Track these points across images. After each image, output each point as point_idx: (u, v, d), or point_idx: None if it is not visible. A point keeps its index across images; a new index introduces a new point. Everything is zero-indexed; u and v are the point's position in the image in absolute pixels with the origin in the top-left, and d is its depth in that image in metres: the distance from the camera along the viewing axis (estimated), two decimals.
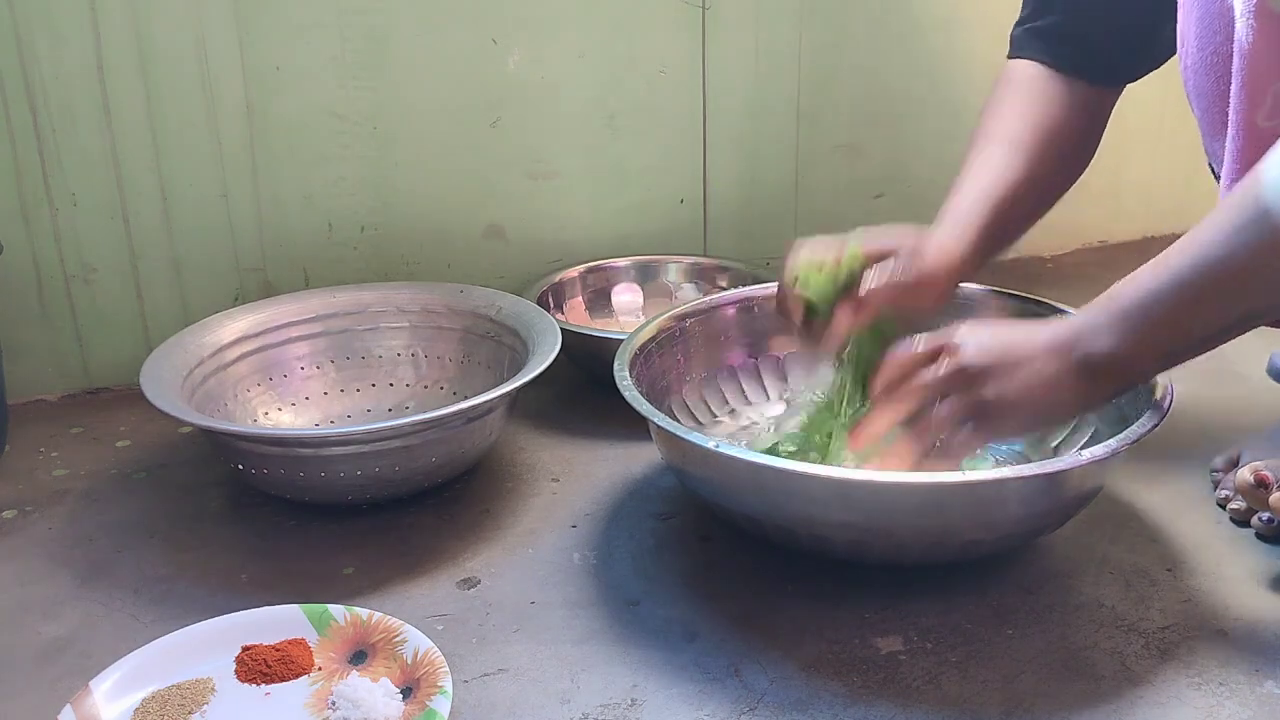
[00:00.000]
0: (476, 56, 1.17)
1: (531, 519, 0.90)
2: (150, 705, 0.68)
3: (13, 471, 0.99)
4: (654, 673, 0.72)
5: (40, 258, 1.08)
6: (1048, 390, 0.74)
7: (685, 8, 1.23)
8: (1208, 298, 0.68)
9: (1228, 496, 0.88)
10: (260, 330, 1.02)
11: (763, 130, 1.32)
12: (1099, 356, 0.72)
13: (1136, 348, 0.71)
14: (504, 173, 1.22)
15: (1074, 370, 0.73)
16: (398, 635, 0.72)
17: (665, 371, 0.96)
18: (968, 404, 0.75)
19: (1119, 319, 0.72)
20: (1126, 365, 0.72)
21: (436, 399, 1.04)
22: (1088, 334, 0.73)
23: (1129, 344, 0.71)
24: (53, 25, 1.02)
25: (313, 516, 0.90)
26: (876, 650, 0.74)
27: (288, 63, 1.10)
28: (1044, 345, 0.74)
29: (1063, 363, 0.73)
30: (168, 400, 0.86)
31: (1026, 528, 0.78)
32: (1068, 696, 0.69)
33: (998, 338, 0.76)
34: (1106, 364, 0.72)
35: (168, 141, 1.08)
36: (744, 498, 0.78)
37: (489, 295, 1.05)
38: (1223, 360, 1.16)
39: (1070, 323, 0.75)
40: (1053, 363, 0.73)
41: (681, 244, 1.31)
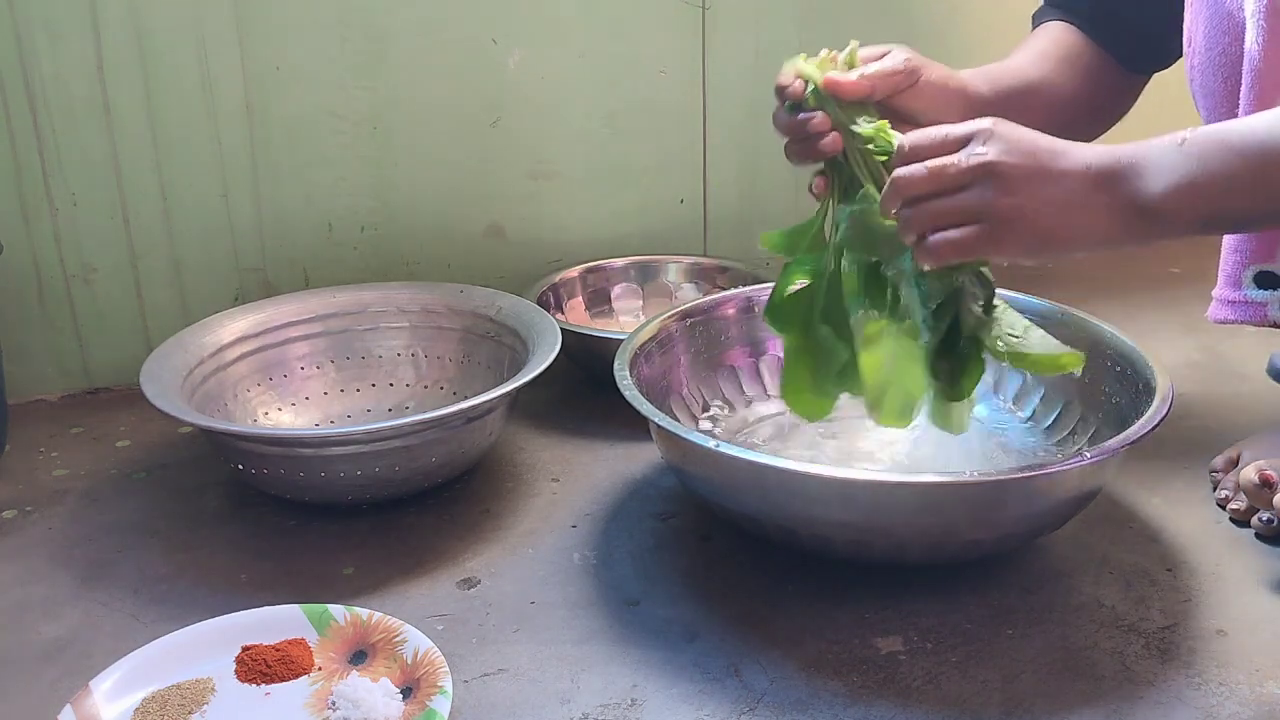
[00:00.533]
0: (476, 56, 1.17)
1: (531, 519, 0.90)
2: (150, 705, 0.68)
3: (13, 471, 0.99)
4: (654, 673, 0.72)
5: (40, 258, 1.08)
6: (1075, 215, 0.68)
7: (685, 8, 1.23)
8: (1271, 174, 0.65)
9: (1228, 496, 0.88)
10: (260, 330, 1.02)
11: (763, 130, 1.31)
12: (1145, 197, 0.67)
13: (1185, 200, 0.67)
14: (504, 173, 1.22)
15: (1110, 203, 0.68)
16: (398, 635, 0.72)
17: (665, 371, 0.96)
18: (984, 203, 0.68)
19: (1179, 165, 0.66)
20: (1168, 215, 0.67)
21: (436, 399, 1.04)
22: (1139, 170, 0.67)
23: (1179, 195, 0.66)
24: (53, 25, 1.02)
25: (313, 516, 0.90)
26: (876, 650, 0.74)
27: (288, 63, 1.10)
28: (1086, 166, 0.68)
29: (1102, 192, 0.68)
30: (168, 400, 0.86)
31: (1026, 528, 0.78)
32: (1068, 696, 0.69)
33: (1038, 142, 0.69)
34: (1149, 207, 0.67)
35: (168, 141, 1.08)
36: (744, 498, 0.78)
37: (489, 295, 1.05)
38: (1223, 360, 1.17)
39: (1121, 151, 0.68)
40: (1090, 188, 0.68)
41: (681, 244, 1.31)
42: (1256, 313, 0.86)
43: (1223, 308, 0.88)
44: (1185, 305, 1.31)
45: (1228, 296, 0.88)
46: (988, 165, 0.68)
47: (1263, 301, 0.86)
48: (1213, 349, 1.20)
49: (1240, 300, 0.87)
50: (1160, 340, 1.21)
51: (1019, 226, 0.68)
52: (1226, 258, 0.87)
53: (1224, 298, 0.88)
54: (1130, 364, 0.87)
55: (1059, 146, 0.69)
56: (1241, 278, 0.86)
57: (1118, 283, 1.40)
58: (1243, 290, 0.86)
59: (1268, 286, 0.85)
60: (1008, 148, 0.68)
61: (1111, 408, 0.87)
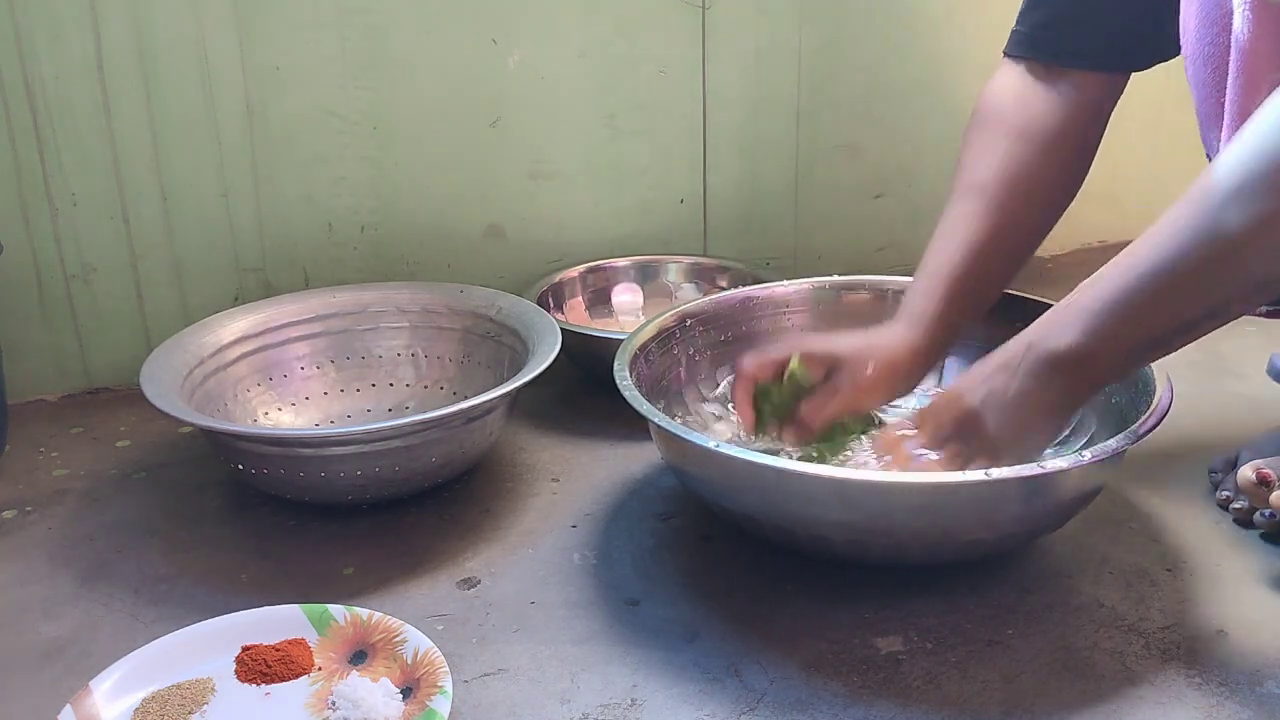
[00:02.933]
0: (476, 56, 1.17)
1: (531, 519, 0.90)
2: (150, 705, 0.68)
3: (13, 471, 0.99)
4: (654, 673, 0.72)
5: (40, 258, 1.08)
6: (1020, 409, 0.74)
7: (685, 8, 1.23)
8: (1164, 296, 0.68)
9: (1229, 497, 0.88)
10: (260, 330, 1.02)
11: (763, 130, 1.32)
12: (1061, 353, 0.72)
13: (1099, 343, 0.71)
14: (504, 173, 1.22)
15: (1034, 374, 0.73)
16: (398, 635, 0.72)
17: (665, 371, 0.96)
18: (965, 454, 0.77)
19: (1077, 315, 0.71)
20: (1091, 362, 0.72)
21: (436, 399, 1.04)
22: (1045, 334, 0.73)
23: (1091, 340, 0.71)
24: (53, 25, 1.02)
25: (313, 516, 0.90)
26: (876, 650, 0.74)
27: (288, 63, 1.10)
28: (995, 367, 0.76)
29: (1017, 372, 0.74)
30: (168, 400, 0.86)
31: (1026, 528, 0.78)
32: (1068, 696, 0.69)
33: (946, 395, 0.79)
34: (1069, 360, 0.72)
35: (168, 141, 1.08)
36: (744, 498, 0.78)
37: (489, 295, 1.05)
38: (1223, 360, 1.17)
39: (1023, 332, 0.75)
40: (1007, 379, 0.74)
41: (681, 244, 1.31)
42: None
43: None
44: None
45: None
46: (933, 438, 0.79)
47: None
48: (1213, 349, 1.20)
49: None
50: None
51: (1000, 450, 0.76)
52: None
53: None
54: None
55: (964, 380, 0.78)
56: None
57: None
58: None
59: None
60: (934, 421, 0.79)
61: (1111, 408, 0.87)
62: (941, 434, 0.79)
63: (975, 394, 0.77)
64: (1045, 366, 0.73)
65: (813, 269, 1.32)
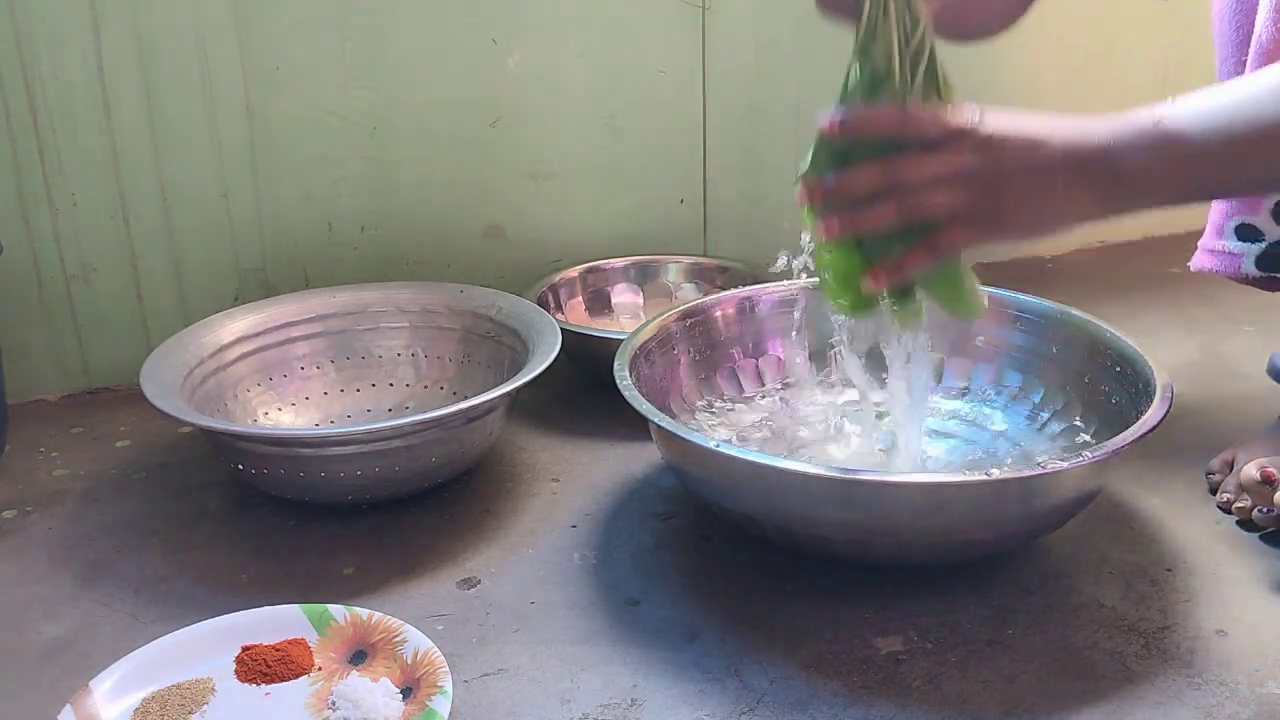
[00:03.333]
0: (476, 56, 1.17)
1: (531, 519, 0.90)
2: (150, 705, 0.68)
3: (13, 471, 0.99)
4: (654, 673, 0.72)
5: (40, 258, 1.08)
6: (1055, 204, 0.70)
7: (685, 8, 1.23)
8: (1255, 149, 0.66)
9: (1230, 499, 0.88)
10: (260, 330, 1.02)
11: (763, 130, 1.32)
12: (1127, 175, 0.68)
13: (1167, 174, 0.68)
14: (504, 173, 1.22)
15: (1090, 188, 0.69)
16: (398, 635, 0.72)
17: (665, 371, 0.96)
18: (966, 201, 0.70)
19: (1161, 141, 0.67)
20: (1149, 189, 0.69)
21: (436, 399, 1.04)
22: (1118, 151, 0.68)
23: (1157, 172, 0.68)
24: (53, 25, 1.02)
25: (313, 516, 0.90)
26: (876, 650, 0.74)
27: (288, 63, 1.10)
28: (1070, 152, 0.69)
29: (1081, 180, 0.69)
30: (168, 400, 0.86)
31: (1026, 528, 0.78)
32: (1068, 696, 0.69)
33: (1017, 137, 0.70)
34: (1131, 184, 0.69)
35: (168, 141, 1.08)
36: (744, 498, 0.78)
37: (489, 295, 1.05)
38: (1223, 360, 1.17)
39: (1098, 133, 0.69)
40: (1070, 177, 0.69)
41: (681, 244, 1.31)
42: (1233, 264, 0.88)
43: (1203, 256, 0.90)
44: (1185, 305, 1.32)
45: (1209, 245, 0.89)
46: (969, 167, 0.70)
47: (1239, 253, 0.87)
48: (1213, 349, 1.20)
49: (1220, 250, 0.88)
50: (1160, 340, 1.21)
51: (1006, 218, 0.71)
52: (1215, 207, 0.88)
53: (1206, 246, 0.90)
54: (1130, 364, 0.87)
55: (1037, 135, 0.70)
56: (1224, 228, 0.87)
57: (1118, 283, 1.40)
58: (1224, 240, 0.87)
59: (1247, 239, 0.86)
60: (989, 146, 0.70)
61: (1111, 408, 0.87)
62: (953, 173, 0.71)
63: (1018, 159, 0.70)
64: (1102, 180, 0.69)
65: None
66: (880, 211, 0.72)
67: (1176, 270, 1.43)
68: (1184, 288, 1.37)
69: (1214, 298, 1.32)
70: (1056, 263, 1.50)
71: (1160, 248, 1.54)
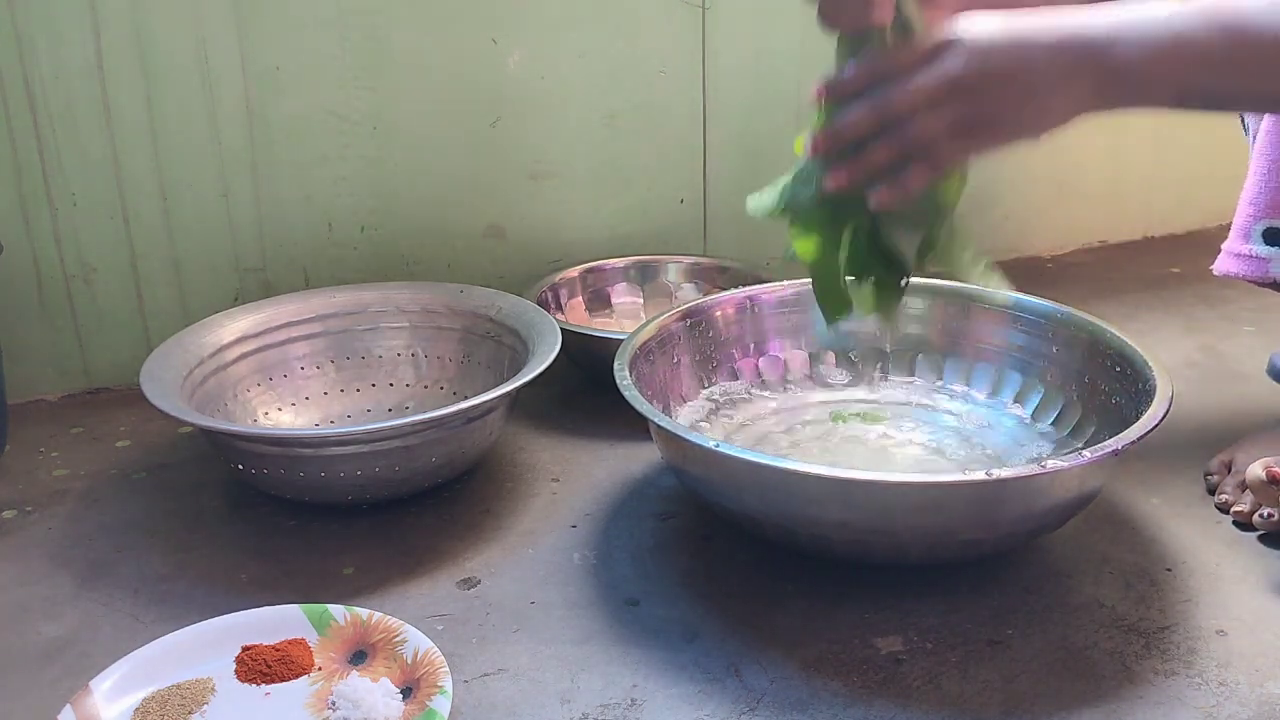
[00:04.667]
0: (476, 56, 1.17)
1: (531, 519, 0.90)
2: (150, 705, 0.68)
3: (13, 471, 0.99)
4: (654, 673, 0.72)
5: (40, 258, 1.08)
6: (1050, 100, 0.67)
7: (685, 8, 1.23)
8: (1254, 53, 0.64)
9: (1229, 500, 0.88)
10: (260, 330, 1.02)
11: (763, 130, 1.32)
12: (1125, 69, 0.66)
13: (1161, 71, 0.65)
14: (504, 173, 1.22)
15: (1084, 80, 0.66)
16: (398, 635, 0.72)
17: (665, 371, 0.96)
18: (959, 116, 0.68)
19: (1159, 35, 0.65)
20: (1143, 86, 0.67)
21: (436, 399, 1.04)
22: (1114, 40, 0.66)
23: (1155, 66, 0.65)
24: (53, 25, 1.02)
25: (313, 516, 0.90)
26: (876, 650, 0.74)
27: (288, 63, 1.10)
28: (1063, 47, 0.66)
29: (1076, 72, 0.66)
30: (168, 400, 0.86)
31: (1026, 528, 0.78)
32: (1068, 696, 0.69)
33: (1009, 37, 0.67)
34: (1130, 80, 0.66)
35: (168, 141, 1.08)
36: (744, 498, 0.78)
37: (489, 295, 1.05)
38: (1223, 360, 1.17)
39: (1100, 23, 0.67)
40: (1064, 71, 0.66)
41: (681, 244, 1.31)
42: (1259, 268, 0.86)
43: (1228, 260, 0.89)
44: (1185, 305, 1.32)
45: (1235, 249, 0.88)
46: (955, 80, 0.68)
47: (1266, 257, 0.86)
48: (1213, 349, 1.20)
49: (1246, 254, 0.87)
50: (1160, 340, 1.21)
51: (1002, 127, 0.69)
52: (1241, 210, 0.87)
53: (1231, 250, 0.88)
54: (1130, 364, 0.87)
55: (1025, 33, 0.67)
56: (1251, 231, 0.86)
57: (1118, 283, 1.40)
58: (1250, 244, 0.86)
59: (1275, 243, 0.85)
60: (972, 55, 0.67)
61: (1111, 408, 0.87)
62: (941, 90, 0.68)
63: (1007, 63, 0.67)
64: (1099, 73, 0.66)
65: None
66: (878, 150, 0.70)
67: (1177, 270, 1.43)
68: (1184, 288, 1.37)
69: (1214, 298, 1.32)
70: (1056, 263, 1.50)
71: (1160, 248, 1.54)
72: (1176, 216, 1.58)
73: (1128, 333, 0.89)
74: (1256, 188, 0.86)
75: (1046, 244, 1.53)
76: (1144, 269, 1.45)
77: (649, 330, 0.95)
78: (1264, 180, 0.86)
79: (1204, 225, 1.59)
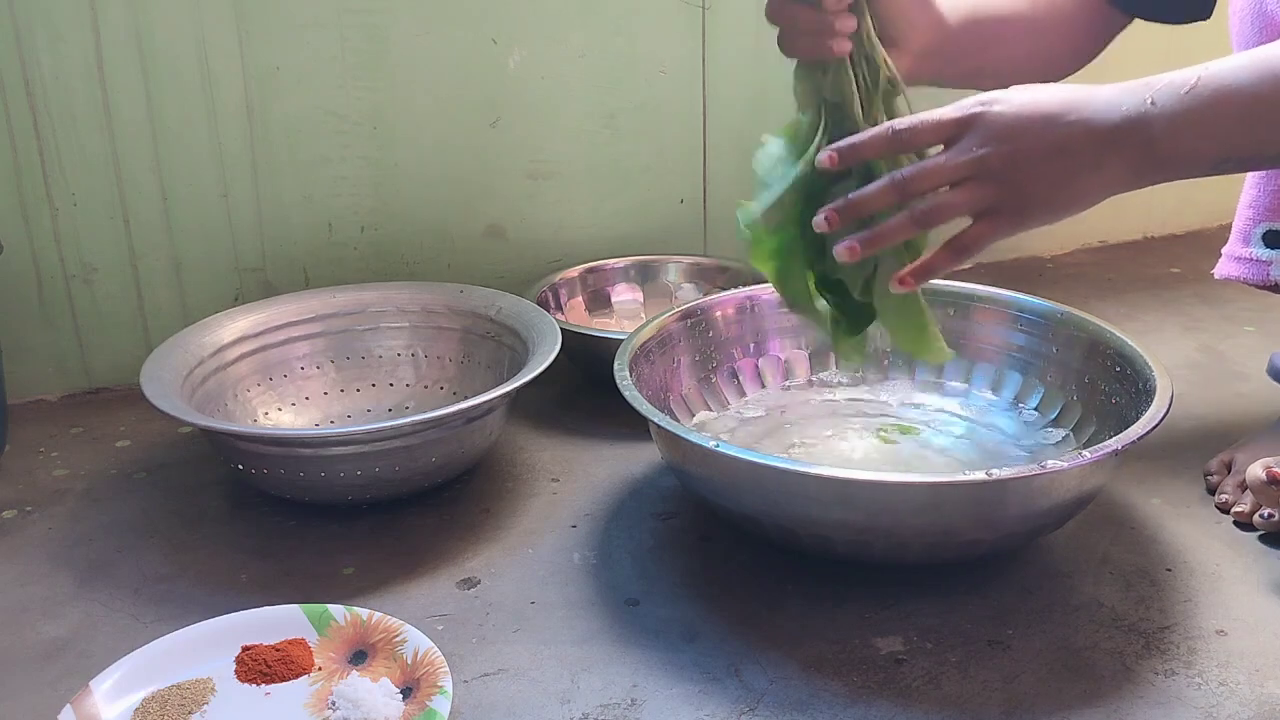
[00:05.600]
0: (476, 56, 1.17)
1: (531, 519, 0.90)
2: (150, 705, 0.68)
3: (13, 471, 0.99)
4: (654, 673, 0.72)
5: (40, 258, 1.08)
6: (1083, 181, 0.66)
7: (685, 8, 1.24)
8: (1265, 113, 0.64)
9: (1229, 500, 0.88)
10: (260, 330, 1.02)
11: (763, 130, 1.31)
12: (1155, 146, 0.65)
13: (1196, 145, 0.65)
14: (504, 173, 1.22)
15: (1119, 160, 0.66)
16: (398, 635, 0.72)
17: (665, 371, 0.96)
18: (987, 195, 0.67)
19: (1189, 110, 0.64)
20: (1179, 162, 0.66)
21: (436, 399, 1.04)
22: (1148, 120, 0.65)
23: (1190, 141, 0.65)
24: (53, 25, 1.02)
25: (313, 516, 0.90)
26: (876, 650, 0.74)
27: (288, 63, 1.10)
28: (1094, 126, 0.66)
29: (1109, 151, 0.66)
30: (168, 400, 0.86)
31: (1026, 528, 0.78)
32: (1068, 696, 0.69)
33: (1033, 117, 0.66)
34: (1166, 153, 0.65)
35: (168, 141, 1.08)
36: (744, 498, 0.78)
37: (489, 295, 1.05)
38: (1223, 360, 1.17)
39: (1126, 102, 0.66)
40: (1096, 152, 0.66)
41: (681, 244, 1.31)
42: (1260, 271, 0.86)
43: (1229, 264, 0.89)
44: (1185, 305, 1.32)
45: (1235, 253, 0.88)
46: (982, 160, 0.67)
47: (1267, 260, 0.86)
48: (1213, 349, 1.20)
49: (1246, 257, 0.87)
50: (1160, 340, 1.22)
51: (1031, 207, 0.68)
52: (1240, 213, 0.87)
53: (1232, 254, 0.88)
54: (1130, 364, 0.87)
55: (1054, 111, 0.66)
56: (1251, 235, 0.86)
57: (1118, 283, 1.40)
58: (1250, 247, 0.86)
59: (1276, 245, 0.85)
60: (1000, 134, 0.67)
61: (1111, 408, 0.87)
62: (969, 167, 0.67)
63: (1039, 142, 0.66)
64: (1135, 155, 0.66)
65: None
66: (897, 225, 0.70)
67: (1177, 270, 1.43)
68: (1184, 288, 1.37)
69: (1214, 298, 1.32)
70: (1056, 263, 1.50)
71: (1160, 248, 1.54)
72: (1176, 216, 1.58)
73: (1128, 333, 0.89)
74: (1255, 191, 0.86)
75: (1046, 244, 1.53)
76: (1144, 269, 1.45)
77: (649, 330, 0.95)
78: (1262, 183, 0.86)
79: (1204, 225, 1.59)
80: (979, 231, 0.69)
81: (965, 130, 0.68)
